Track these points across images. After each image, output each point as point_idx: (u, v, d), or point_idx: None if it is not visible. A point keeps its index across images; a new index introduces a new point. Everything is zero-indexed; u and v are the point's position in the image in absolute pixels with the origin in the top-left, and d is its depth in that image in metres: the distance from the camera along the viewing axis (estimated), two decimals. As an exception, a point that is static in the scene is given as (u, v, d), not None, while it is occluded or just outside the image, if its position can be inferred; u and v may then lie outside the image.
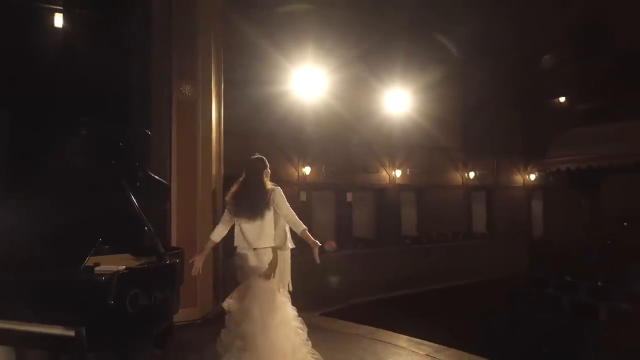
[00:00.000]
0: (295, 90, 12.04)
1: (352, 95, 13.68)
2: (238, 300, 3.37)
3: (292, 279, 3.66)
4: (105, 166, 3.21)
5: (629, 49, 15.14)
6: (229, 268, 4.15)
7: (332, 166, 14.45)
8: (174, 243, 5.14)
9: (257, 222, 3.36)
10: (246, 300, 3.31)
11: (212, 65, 5.97)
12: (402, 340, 4.87)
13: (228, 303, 3.39)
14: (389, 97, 14.16)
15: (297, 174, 13.92)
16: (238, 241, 3.45)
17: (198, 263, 3.48)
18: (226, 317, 3.41)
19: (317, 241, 3.36)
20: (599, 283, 8.25)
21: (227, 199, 3.52)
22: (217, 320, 3.52)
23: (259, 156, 3.57)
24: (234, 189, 3.51)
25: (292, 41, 12.02)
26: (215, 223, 3.77)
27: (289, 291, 3.59)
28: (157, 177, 3.86)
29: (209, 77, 5.92)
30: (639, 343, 5.71)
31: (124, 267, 2.83)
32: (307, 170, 13.99)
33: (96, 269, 2.82)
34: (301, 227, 3.40)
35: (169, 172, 5.53)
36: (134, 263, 3.12)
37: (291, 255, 3.65)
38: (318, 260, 3.33)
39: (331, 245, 11.24)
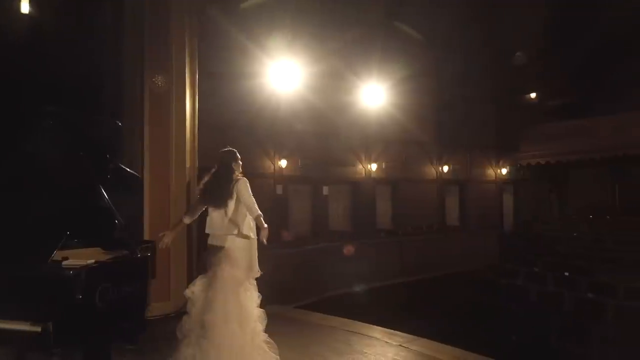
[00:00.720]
0: (271, 82, 11.94)
1: (328, 89, 13.66)
2: (202, 289, 3.44)
3: (268, 273, 3.71)
4: (74, 158, 3.13)
5: (597, 48, 15.62)
6: (202, 261, 4.16)
7: (309, 159, 14.43)
8: (146, 236, 5.07)
9: (222, 211, 3.51)
10: (211, 290, 3.38)
11: (187, 55, 5.87)
12: (376, 331, 4.95)
13: (191, 291, 3.46)
14: (365, 91, 14.20)
15: (273, 167, 13.87)
16: (207, 228, 3.60)
17: (167, 238, 3.60)
18: (188, 303, 3.45)
19: (266, 226, 3.44)
20: (566, 274, 8.56)
21: (198, 187, 3.72)
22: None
23: (230, 148, 3.71)
24: (205, 179, 3.67)
25: (268, 33, 11.90)
26: (188, 215, 3.82)
27: (255, 279, 3.64)
28: (128, 169, 3.81)
29: (183, 67, 5.82)
30: (602, 330, 5.96)
31: (93, 260, 2.78)
32: (283, 163, 13.94)
33: (64, 262, 2.75)
34: (256, 212, 3.50)
35: (142, 164, 5.43)
36: (105, 257, 3.06)
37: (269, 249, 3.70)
38: (265, 242, 3.45)
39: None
